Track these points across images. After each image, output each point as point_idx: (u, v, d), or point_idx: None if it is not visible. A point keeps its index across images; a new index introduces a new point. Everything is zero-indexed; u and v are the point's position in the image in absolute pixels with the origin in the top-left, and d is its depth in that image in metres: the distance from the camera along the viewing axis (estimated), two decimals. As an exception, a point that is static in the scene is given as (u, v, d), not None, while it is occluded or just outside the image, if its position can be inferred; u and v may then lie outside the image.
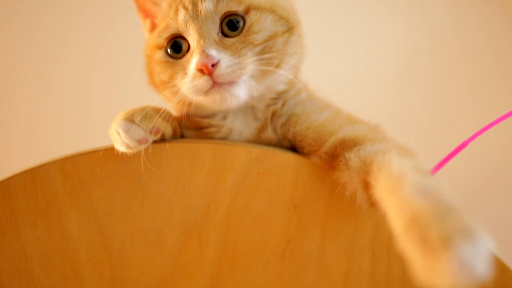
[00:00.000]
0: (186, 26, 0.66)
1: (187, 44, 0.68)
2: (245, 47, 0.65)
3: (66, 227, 0.64)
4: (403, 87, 1.39)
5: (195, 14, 0.66)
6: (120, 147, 0.62)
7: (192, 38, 0.66)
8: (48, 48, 1.38)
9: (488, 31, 1.38)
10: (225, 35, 0.66)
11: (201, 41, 0.64)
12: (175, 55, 0.68)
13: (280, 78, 0.71)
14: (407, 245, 0.41)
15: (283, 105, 0.73)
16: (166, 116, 0.66)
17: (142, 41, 0.79)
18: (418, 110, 1.37)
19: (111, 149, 0.64)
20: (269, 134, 0.71)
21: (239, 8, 0.66)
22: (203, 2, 0.66)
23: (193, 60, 0.64)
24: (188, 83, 0.64)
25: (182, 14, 0.67)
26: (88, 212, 0.64)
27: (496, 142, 1.19)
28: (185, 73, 0.65)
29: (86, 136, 1.05)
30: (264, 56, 0.66)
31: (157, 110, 0.65)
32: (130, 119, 0.61)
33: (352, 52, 1.41)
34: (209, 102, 0.66)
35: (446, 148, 0.70)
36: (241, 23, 0.66)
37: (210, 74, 0.62)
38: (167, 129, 0.66)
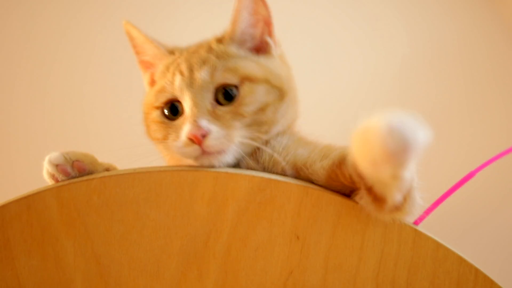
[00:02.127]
0: (182, 92, 0.69)
1: (181, 106, 0.70)
2: (235, 118, 0.68)
3: (62, 256, 0.63)
4: (406, 97, 1.38)
5: (190, 82, 0.69)
6: (44, 175, 0.64)
7: (187, 104, 0.68)
8: (47, 68, 1.37)
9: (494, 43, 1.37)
10: (219, 103, 0.69)
11: (194, 109, 0.67)
12: (172, 116, 0.71)
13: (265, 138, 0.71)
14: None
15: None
16: (107, 165, 0.68)
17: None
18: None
19: (108, 177, 0.62)
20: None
21: (233, 80, 0.69)
22: (199, 71, 0.69)
23: (185, 128, 0.66)
24: (180, 148, 0.67)
25: (178, 79, 0.69)
26: (84, 241, 0.63)
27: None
28: (178, 136, 0.67)
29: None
30: (254, 127, 0.69)
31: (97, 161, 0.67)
32: (62, 151, 0.65)
33: (355, 60, 1.40)
34: (199, 164, 0.67)
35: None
36: (235, 92, 0.69)
37: (199, 144, 0.64)
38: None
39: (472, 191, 0.81)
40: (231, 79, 0.69)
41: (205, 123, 0.65)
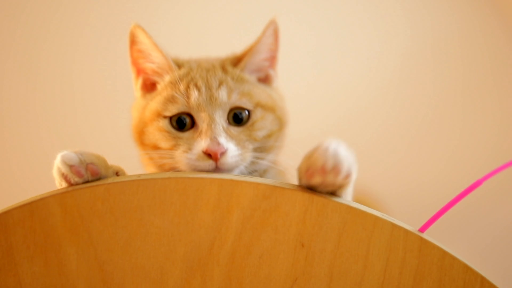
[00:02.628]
0: (198, 108, 0.71)
1: (190, 120, 0.73)
2: (248, 140, 0.73)
3: (65, 263, 0.62)
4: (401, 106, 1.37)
5: (208, 99, 0.72)
6: (54, 173, 0.63)
7: (202, 120, 0.71)
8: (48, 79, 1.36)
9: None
10: (229, 123, 0.73)
11: (212, 126, 0.70)
12: (179, 128, 0.73)
13: (266, 162, 0.78)
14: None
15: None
16: (117, 169, 0.67)
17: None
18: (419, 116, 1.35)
19: (113, 184, 0.62)
20: None
21: (248, 105, 0.74)
22: (218, 90, 0.73)
23: (201, 142, 0.69)
24: (191, 160, 0.69)
25: (195, 95, 0.72)
26: (88, 247, 0.62)
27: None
28: (189, 149, 0.70)
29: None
30: (258, 151, 0.74)
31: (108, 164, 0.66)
32: (74, 151, 0.63)
33: (355, 55, 1.39)
34: None
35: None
36: (244, 116, 0.74)
37: (216, 160, 0.68)
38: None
39: (479, 199, 0.80)
40: (246, 104, 0.74)
41: (223, 141, 0.69)
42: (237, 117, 0.74)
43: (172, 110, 0.73)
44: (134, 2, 1.39)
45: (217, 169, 0.68)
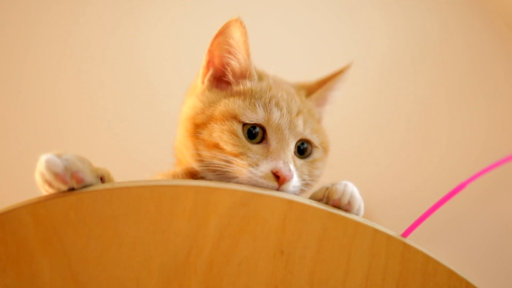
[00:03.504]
0: (277, 128, 0.71)
1: (261, 135, 0.72)
2: (308, 175, 0.73)
3: (38, 274, 0.60)
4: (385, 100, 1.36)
5: (288, 123, 0.72)
6: (37, 177, 0.60)
7: (277, 141, 0.71)
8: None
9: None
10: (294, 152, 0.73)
11: (286, 150, 0.70)
12: (249, 137, 0.71)
13: None
14: None
15: None
16: (102, 173, 0.64)
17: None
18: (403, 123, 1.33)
19: (86, 193, 0.60)
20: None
21: (316, 142, 0.75)
22: (297, 117, 0.73)
23: (272, 162, 0.68)
24: (255, 176, 0.67)
25: (277, 114, 0.72)
26: (61, 258, 0.60)
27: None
28: (256, 164, 0.68)
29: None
30: (307, 186, 0.74)
31: (93, 167, 0.63)
32: (58, 154, 0.60)
33: (336, 56, 1.38)
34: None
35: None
36: (308, 150, 0.75)
37: (281, 184, 0.67)
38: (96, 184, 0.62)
39: (462, 201, 0.79)
40: (315, 140, 0.75)
41: (293, 168, 0.69)
42: (300, 149, 0.75)
43: (251, 119, 0.71)
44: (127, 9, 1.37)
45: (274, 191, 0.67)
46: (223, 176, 0.70)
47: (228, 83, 0.76)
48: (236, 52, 0.74)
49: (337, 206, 0.65)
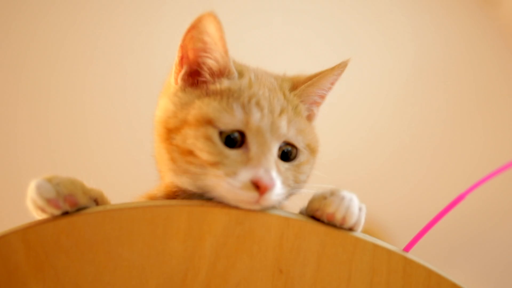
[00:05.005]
0: (257, 131, 0.63)
1: (240, 139, 0.63)
2: (293, 180, 0.66)
3: (31, 302, 0.59)
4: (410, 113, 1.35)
5: (270, 125, 0.64)
6: (28, 203, 0.59)
7: (258, 146, 0.63)
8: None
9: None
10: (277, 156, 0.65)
11: (268, 155, 0.62)
12: (227, 144, 0.63)
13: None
14: None
15: None
16: (96, 195, 0.62)
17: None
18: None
19: (77, 216, 0.59)
20: None
21: (301, 144, 0.67)
22: (280, 118, 0.65)
23: (252, 170, 0.61)
24: (234, 187, 0.60)
25: (257, 116, 0.63)
26: (54, 284, 0.59)
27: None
28: (234, 173, 0.61)
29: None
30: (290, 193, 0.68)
31: (86, 188, 0.61)
32: (48, 179, 0.59)
33: (364, 68, 1.36)
34: (239, 206, 0.61)
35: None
36: (293, 153, 0.67)
37: (262, 193, 0.59)
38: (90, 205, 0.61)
39: (463, 212, 0.77)
40: (300, 142, 0.67)
41: (275, 175, 0.61)
42: (284, 153, 0.66)
43: (228, 124, 0.63)
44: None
45: (256, 204, 0.60)
46: (202, 187, 0.64)
47: (204, 81, 0.68)
48: (211, 49, 0.66)
49: (331, 219, 0.62)
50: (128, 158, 1.20)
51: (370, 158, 1.28)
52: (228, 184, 0.60)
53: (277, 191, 0.61)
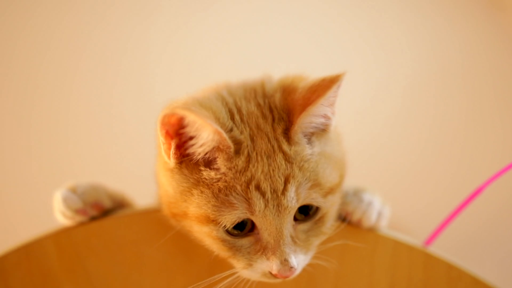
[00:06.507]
0: (264, 219, 0.54)
1: (249, 222, 0.56)
2: (315, 236, 0.58)
3: (64, 303, 0.62)
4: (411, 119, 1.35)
5: (276, 208, 0.54)
6: (57, 215, 0.62)
7: (268, 233, 0.55)
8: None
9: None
10: (295, 219, 0.57)
11: (281, 242, 0.55)
12: (237, 232, 0.56)
13: None
14: None
15: None
16: (119, 196, 0.65)
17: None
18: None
19: (106, 219, 0.61)
20: None
21: (319, 199, 0.56)
22: (285, 195, 0.54)
23: (267, 262, 0.55)
24: (252, 276, 0.57)
25: (260, 204, 0.54)
26: (86, 285, 0.62)
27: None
28: (250, 265, 0.56)
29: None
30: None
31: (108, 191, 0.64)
32: (72, 189, 0.62)
33: (362, 76, 1.37)
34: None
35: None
36: (312, 209, 0.57)
37: (284, 278, 0.56)
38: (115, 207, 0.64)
39: (482, 205, 0.78)
40: (317, 199, 0.56)
41: (294, 260, 0.55)
42: (306, 211, 0.57)
43: (231, 220, 0.54)
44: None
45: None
46: None
47: (198, 161, 0.56)
48: (196, 134, 0.54)
49: (349, 218, 0.63)
50: (128, 156, 1.23)
51: (387, 152, 1.28)
52: (246, 274, 0.58)
53: (300, 268, 0.57)
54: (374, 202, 0.63)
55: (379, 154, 1.23)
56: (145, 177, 0.68)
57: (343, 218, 0.63)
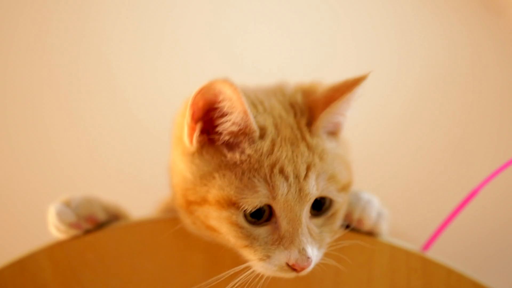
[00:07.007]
0: (285, 203, 0.55)
1: (268, 211, 0.56)
2: (328, 232, 0.59)
3: (59, 318, 0.61)
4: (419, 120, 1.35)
5: (298, 194, 0.55)
6: (51, 229, 0.62)
7: (288, 221, 0.56)
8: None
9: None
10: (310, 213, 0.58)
11: (299, 231, 0.55)
12: (254, 220, 0.56)
13: None
14: None
15: None
16: (113, 209, 0.65)
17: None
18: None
19: (101, 232, 0.61)
20: None
21: (334, 193, 0.58)
22: (307, 178, 0.56)
23: (285, 252, 0.56)
24: (268, 270, 0.57)
25: (283, 188, 0.55)
26: (81, 300, 0.61)
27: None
28: (267, 256, 0.56)
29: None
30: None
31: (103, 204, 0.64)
32: (66, 202, 0.62)
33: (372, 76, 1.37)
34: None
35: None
36: (325, 204, 0.59)
37: (299, 272, 0.56)
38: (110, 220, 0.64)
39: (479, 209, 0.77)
40: (333, 193, 0.58)
41: (310, 251, 0.56)
42: (318, 201, 0.58)
43: (252, 203, 0.55)
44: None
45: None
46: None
47: (223, 143, 0.58)
48: (229, 111, 0.56)
49: (348, 220, 0.63)
50: (129, 160, 1.22)
51: (382, 159, 1.28)
52: (263, 267, 0.57)
53: (314, 262, 0.57)
54: (372, 200, 0.63)
55: (374, 160, 1.22)
56: (141, 185, 0.68)
57: (346, 225, 0.63)
